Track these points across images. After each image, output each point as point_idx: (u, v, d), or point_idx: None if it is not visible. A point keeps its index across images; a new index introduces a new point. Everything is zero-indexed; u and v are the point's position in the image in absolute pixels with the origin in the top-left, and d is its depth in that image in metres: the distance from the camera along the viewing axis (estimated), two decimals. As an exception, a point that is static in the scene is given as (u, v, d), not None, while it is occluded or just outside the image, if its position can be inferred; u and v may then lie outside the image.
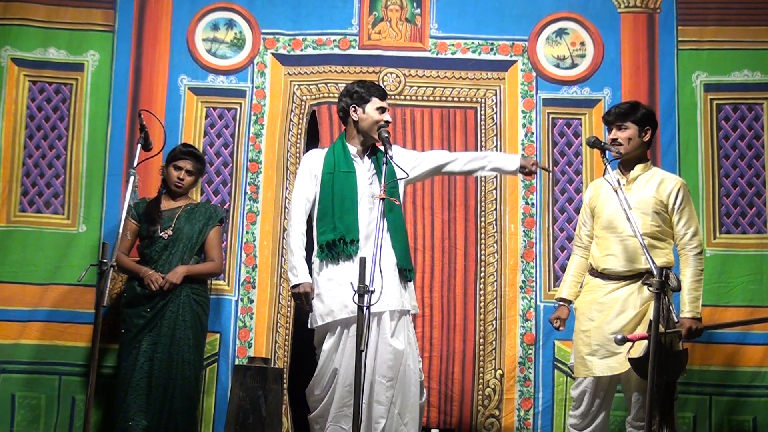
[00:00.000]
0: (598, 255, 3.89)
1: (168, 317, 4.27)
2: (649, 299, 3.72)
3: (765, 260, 4.74)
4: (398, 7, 5.05)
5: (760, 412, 4.63)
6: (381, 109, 3.99)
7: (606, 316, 3.77)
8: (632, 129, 3.87)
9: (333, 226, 3.87)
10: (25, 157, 4.87)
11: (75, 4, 4.97)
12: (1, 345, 4.65)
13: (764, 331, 4.67)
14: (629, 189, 3.86)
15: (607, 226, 3.87)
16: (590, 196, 4.06)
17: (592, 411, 3.83)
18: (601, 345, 3.76)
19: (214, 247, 4.47)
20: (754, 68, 4.88)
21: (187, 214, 4.44)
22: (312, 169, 4.00)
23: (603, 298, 3.82)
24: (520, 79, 4.98)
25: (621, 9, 4.98)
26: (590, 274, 3.96)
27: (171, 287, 4.27)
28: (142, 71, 4.94)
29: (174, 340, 4.26)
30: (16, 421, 4.61)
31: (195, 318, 4.34)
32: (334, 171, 3.94)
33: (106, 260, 3.29)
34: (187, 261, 4.37)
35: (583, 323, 3.86)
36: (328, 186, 3.93)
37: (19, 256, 4.75)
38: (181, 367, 4.25)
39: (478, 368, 4.75)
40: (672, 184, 3.87)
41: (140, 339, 4.24)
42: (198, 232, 4.42)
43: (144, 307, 4.27)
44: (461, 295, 4.80)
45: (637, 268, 3.78)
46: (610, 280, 3.83)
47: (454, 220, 4.87)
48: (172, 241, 4.37)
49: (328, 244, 3.86)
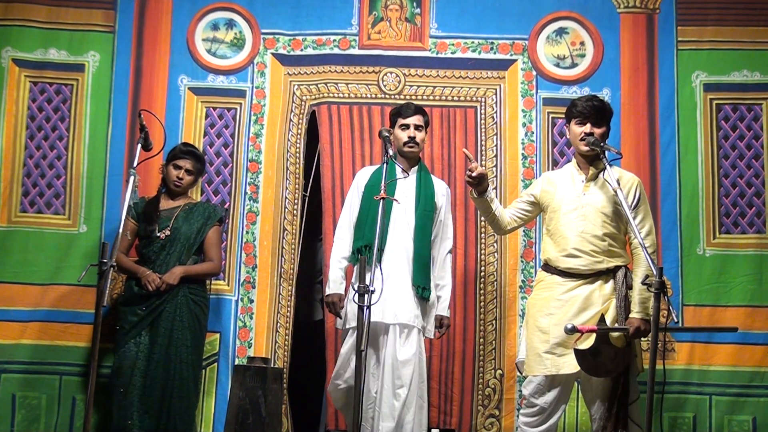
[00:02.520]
0: (556, 253, 3.84)
1: (165, 318, 4.26)
2: (611, 296, 3.75)
3: (764, 260, 4.74)
4: (398, 7, 5.05)
5: (760, 412, 4.64)
6: (404, 126, 4.22)
7: (566, 313, 3.74)
8: (605, 126, 3.89)
9: (363, 234, 4.07)
10: (26, 157, 4.87)
11: (75, 5, 4.97)
12: (2, 345, 4.66)
13: (764, 331, 4.68)
14: (588, 187, 3.86)
15: (567, 224, 3.83)
16: (543, 190, 4.00)
17: (547, 410, 3.78)
18: (560, 342, 3.73)
19: (213, 246, 4.47)
20: (753, 68, 4.88)
21: (185, 213, 4.44)
22: (359, 186, 4.26)
23: (562, 295, 3.79)
24: (520, 78, 4.98)
25: (620, 9, 4.98)
26: (545, 271, 3.91)
27: (168, 288, 4.27)
28: (143, 71, 4.94)
29: (172, 340, 4.25)
30: (16, 421, 4.62)
31: (193, 318, 4.33)
32: (375, 184, 4.08)
33: (106, 260, 3.29)
34: (185, 261, 4.37)
35: (540, 320, 3.81)
36: (367, 198, 4.13)
37: (20, 257, 4.75)
38: (179, 367, 4.24)
39: (478, 368, 4.75)
40: (629, 182, 3.87)
41: (133, 336, 4.24)
42: (196, 231, 4.42)
43: (140, 306, 4.27)
44: (461, 295, 4.80)
45: (599, 267, 3.78)
46: (570, 278, 3.80)
47: (454, 219, 4.84)
48: (170, 241, 4.36)
49: (358, 250, 4.06)
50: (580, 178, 3.90)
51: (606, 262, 3.77)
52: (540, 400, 3.78)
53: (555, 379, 3.77)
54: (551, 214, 3.93)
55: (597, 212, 3.80)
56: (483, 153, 4.92)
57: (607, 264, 3.78)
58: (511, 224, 4.10)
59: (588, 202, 3.83)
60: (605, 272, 3.79)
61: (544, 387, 3.78)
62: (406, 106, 4.28)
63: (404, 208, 4.14)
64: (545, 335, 3.77)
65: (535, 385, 3.80)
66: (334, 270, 4.17)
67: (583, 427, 4.59)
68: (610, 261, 3.78)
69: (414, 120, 4.21)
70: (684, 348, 4.69)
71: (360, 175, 4.33)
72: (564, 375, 3.75)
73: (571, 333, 3.56)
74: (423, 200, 4.17)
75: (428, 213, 4.17)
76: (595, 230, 3.78)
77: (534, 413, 3.81)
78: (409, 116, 4.21)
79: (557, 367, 3.73)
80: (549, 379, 3.77)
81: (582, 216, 3.81)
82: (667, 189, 4.81)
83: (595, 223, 3.79)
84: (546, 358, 3.74)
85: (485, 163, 4.90)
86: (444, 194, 4.32)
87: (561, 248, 3.83)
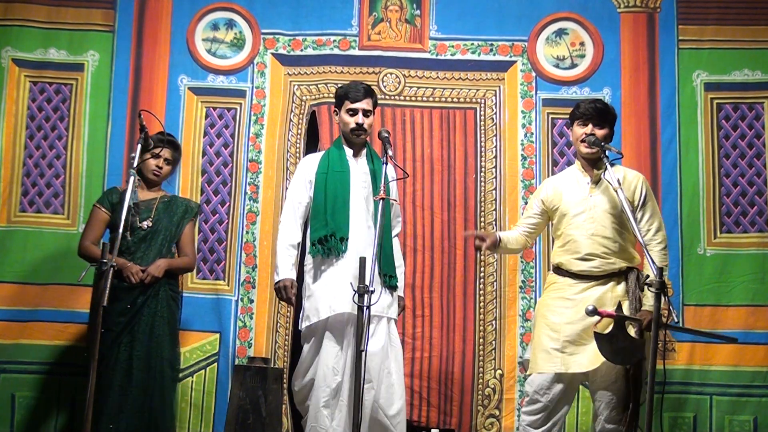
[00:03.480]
0: (568, 257, 3.84)
1: (146, 313, 4.09)
2: (623, 298, 3.76)
3: (766, 260, 4.73)
4: (398, 8, 5.05)
5: (761, 412, 4.63)
6: (352, 111, 4.01)
7: (578, 313, 3.72)
8: (608, 128, 3.88)
9: (325, 222, 3.91)
10: (26, 157, 4.87)
11: (75, 5, 4.97)
12: (2, 345, 4.65)
13: (765, 331, 4.67)
14: (593, 189, 3.86)
15: (576, 227, 3.83)
16: (550, 195, 3.99)
17: (550, 407, 3.77)
18: (571, 341, 3.73)
19: (189, 242, 4.32)
20: (754, 67, 4.88)
21: (165, 206, 4.27)
22: (306, 174, 4.05)
23: (574, 296, 3.79)
24: (519, 79, 4.98)
25: (621, 9, 4.99)
26: (557, 274, 3.90)
27: (152, 281, 4.11)
28: (142, 71, 4.94)
29: (153, 336, 4.08)
30: (16, 421, 4.61)
31: (171, 314, 4.18)
32: (327, 171, 3.99)
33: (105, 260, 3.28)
34: (165, 254, 4.21)
35: (551, 318, 3.80)
36: (321, 186, 3.98)
37: (19, 256, 4.75)
38: (160, 364, 4.08)
39: (477, 368, 4.75)
40: (634, 180, 3.88)
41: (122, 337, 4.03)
42: (176, 225, 4.26)
43: (125, 303, 4.05)
44: (461, 295, 4.80)
45: (611, 269, 3.78)
46: (582, 280, 3.80)
47: (454, 220, 4.86)
48: (152, 233, 4.19)
49: (320, 239, 3.90)
50: (585, 181, 3.89)
51: (618, 263, 3.78)
52: (544, 397, 3.77)
53: (561, 377, 3.76)
54: (559, 219, 3.93)
55: (605, 213, 3.79)
56: (483, 154, 4.92)
57: (619, 265, 3.78)
58: (529, 242, 4.12)
59: (595, 204, 3.82)
60: (617, 273, 3.79)
61: (549, 384, 3.77)
62: (354, 87, 4.04)
63: (362, 194, 3.98)
64: (556, 333, 3.77)
65: (540, 382, 3.79)
66: (282, 256, 3.93)
67: (583, 427, 4.58)
68: (622, 262, 3.79)
69: (363, 104, 3.98)
70: (685, 348, 4.68)
71: (306, 163, 4.12)
72: (570, 374, 3.75)
73: (592, 315, 3.52)
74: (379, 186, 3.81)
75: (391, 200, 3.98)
76: (605, 232, 3.78)
77: (537, 410, 3.79)
78: (359, 100, 3.98)
79: (566, 365, 3.72)
80: (555, 377, 3.76)
81: (591, 218, 3.80)
82: (668, 188, 4.81)
83: (605, 225, 3.79)
84: (556, 356, 3.74)
85: (485, 164, 4.90)
86: (394, 176, 4.11)
87: (573, 252, 3.83)
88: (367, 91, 4.05)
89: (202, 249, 4.82)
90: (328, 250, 3.89)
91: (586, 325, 3.69)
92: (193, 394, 4.70)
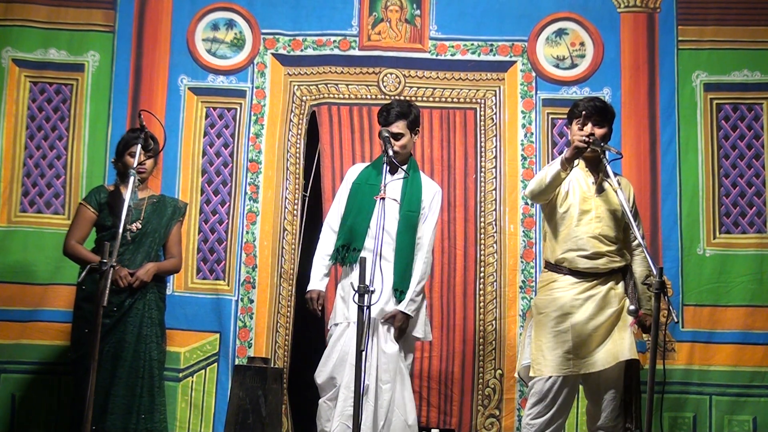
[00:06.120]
0: (573, 254, 3.81)
1: (134, 315, 4.03)
2: (623, 295, 3.79)
3: (765, 260, 4.73)
4: (398, 8, 5.06)
5: (761, 412, 4.64)
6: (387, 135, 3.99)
7: (586, 312, 3.73)
8: (607, 127, 3.87)
9: (345, 232, 4.01)
10: (26, 157, 4.87)
11: (75, 5, 4.98)
12: (2, 345, 4.66)
13: (764, 331, 4.68)
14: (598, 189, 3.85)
15: (583, 226, 3.82)
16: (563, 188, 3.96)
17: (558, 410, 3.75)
18: (582, 341, 3.71)
19: (176, 243, 4.25)
20: (753, 68, 4.88)
21: (153, 206, 4.18)
22: (346, 183, 4.16)
23: (580, 295, 3.77)
24: (519, 79, 4.98)
25: (621, 9, 4.99)
26: (555, 272, 3.86)
27: (141, 285, 4.02)
28: (142, 71, 4.95)
29: (141, 337, 4.03)
30: (16, 421, 4.62)
31: (159, 315, 4.13)
32: (362, 182, 4.06)
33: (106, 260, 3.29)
34: (153, 256, 4.14)
35: (558, 320, 3.76)
36: (352, 196, 4.06)
37: (19, 257, 4.75)
38: (149, 365, 4.04)
39: (477, 368, 4.75)
40: (627, 185, 3.92)
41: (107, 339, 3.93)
42: (165, 226, 4.19)
43: (111, 306, 3.91)
44: (461, 295, 4.80)
45: (613, 266, 3.79)
46: (586, 278, 3.80)
47: (454, 220, 4.87)
48: (141, 235, 4.11)
49: (337, 249, 4.01)
50: (590, 181, 3.89)
51: (619, 261, 3.81)
52: (552, 400, 3.74)
53: (568, 379, 3.76)
54: (562, 215, 3.88)
55: (610, 213, 3.80)
56: (483, 154, 4.92)
57: (619, 263, 3.81)
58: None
59: (601, 204, 3.83)
60: (616, 271, 3.81)
61: (558, 387, 3.74)
62: (387, 111, 4.04)
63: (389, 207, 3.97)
64: (565, 334, 3.74)
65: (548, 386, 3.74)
66: (317, 266, 4.07)
67: (583, 427, 4.58)
68: (622, 261, 3.82)
69: (394, 128, 3.98)
70: (684, 348, 4.69)
71: (350, 172, 4.22)
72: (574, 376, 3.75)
73: (634, 315, 3.67)
74: (408, 200, 4.01)
75: (412, 214, 4.02)
76: (610, 231, 3.79)
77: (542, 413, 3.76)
78: (390, 123, 3.99)
79: (578, 367, 3.72)
80: (563, 379, 3.75)
81: (597, 217, 3.80)
82: (667, 189, 4.81)
83: (610, 225, 3.80)
84: (567, 358, 3.72)
85: (485, 164, 4.90)
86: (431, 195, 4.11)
87: (579, 249, 3.81)
88: (400, 114, 4.01)
89: (202, 249, 4.83)
90: (342, 259, 3.99)
91: (597, 324, 3.71)
92: (193, 394, 4.71)
